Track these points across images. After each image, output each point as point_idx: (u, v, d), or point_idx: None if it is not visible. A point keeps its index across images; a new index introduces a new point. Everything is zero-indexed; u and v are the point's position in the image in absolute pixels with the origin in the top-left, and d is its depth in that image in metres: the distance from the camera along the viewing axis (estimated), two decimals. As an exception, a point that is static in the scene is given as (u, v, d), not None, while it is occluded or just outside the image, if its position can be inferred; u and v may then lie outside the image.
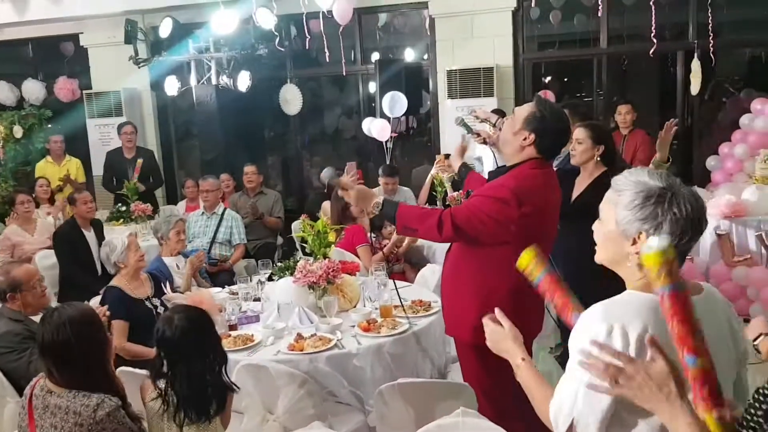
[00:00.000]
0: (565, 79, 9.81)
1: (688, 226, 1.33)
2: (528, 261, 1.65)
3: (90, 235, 4.97)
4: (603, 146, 3.23)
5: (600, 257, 1.49)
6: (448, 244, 2.63)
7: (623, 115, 5.59)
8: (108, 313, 2.74)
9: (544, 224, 2.44)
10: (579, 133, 3.26)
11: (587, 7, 7.44)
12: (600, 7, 5.82)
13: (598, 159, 3.25)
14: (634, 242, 1.35)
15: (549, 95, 6.53)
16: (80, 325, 2.07)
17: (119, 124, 6.70)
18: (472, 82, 6.37)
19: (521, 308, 2.40)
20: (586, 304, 2.03)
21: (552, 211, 2.49)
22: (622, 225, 1.37)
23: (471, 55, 6.46)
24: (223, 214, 5.31)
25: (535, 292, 2.45)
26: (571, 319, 1.59)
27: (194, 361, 2.15)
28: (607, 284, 1.66)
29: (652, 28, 5.30)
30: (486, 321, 1.71)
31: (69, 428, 1.98)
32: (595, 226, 1.49)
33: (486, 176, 3.13)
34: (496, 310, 1.71)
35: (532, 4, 6.24)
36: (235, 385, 2.30)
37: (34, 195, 5.84)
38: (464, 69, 6.38)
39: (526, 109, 2.44)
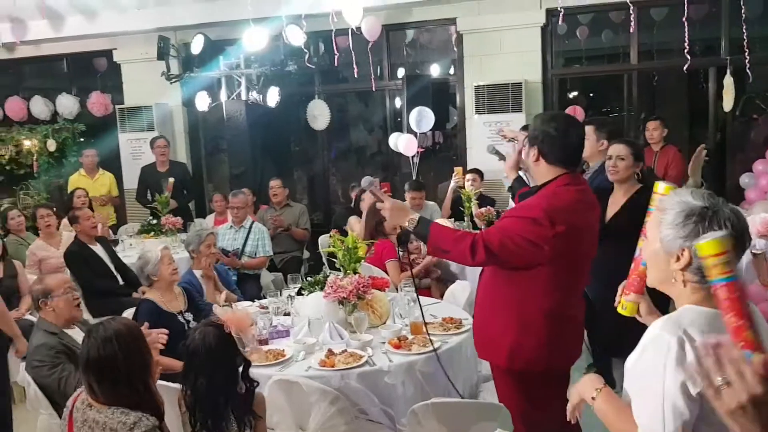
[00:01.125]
0: (591, 94, 9.74)
1: None
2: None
3: (98, 249, 4.98)
4: (642, 163, 3.22)
5: (650, 279, 1.53)
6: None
7: (651, 131, 5.54)
8: (165, 339, 2.55)
9: (581, 244, 2.38)
10: (621, 149, 3.25)
11: (615, 23, 7.41)
12: (631, 23, 5.79)
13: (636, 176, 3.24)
14: (678, 259, 1.39)
15: (578, 111, 6.48)
16: (127, 340, 2.04)
17: (152, 139, 6.82)
18: (500, 97, 6.36)
19: (558, 332, 2.37)
20: (620, 330, 2.00)
21: (589, 230, 2.44)
22: (665, 243, 1.41)
23: (499, 71, 6.44)
24: (250, 227, 5.39)
25: (572, 315, 2.42)
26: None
27: (200, 378, 2.17)
28: None
29: (685, 43, 5.24)
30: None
31: None
32: (643, 246, 1.53)
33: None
34: None
35: (560, 21, 6.23)
36: (257, 414, 2.31)
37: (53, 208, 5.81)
38: (492, 84, 6.37)
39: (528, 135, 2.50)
